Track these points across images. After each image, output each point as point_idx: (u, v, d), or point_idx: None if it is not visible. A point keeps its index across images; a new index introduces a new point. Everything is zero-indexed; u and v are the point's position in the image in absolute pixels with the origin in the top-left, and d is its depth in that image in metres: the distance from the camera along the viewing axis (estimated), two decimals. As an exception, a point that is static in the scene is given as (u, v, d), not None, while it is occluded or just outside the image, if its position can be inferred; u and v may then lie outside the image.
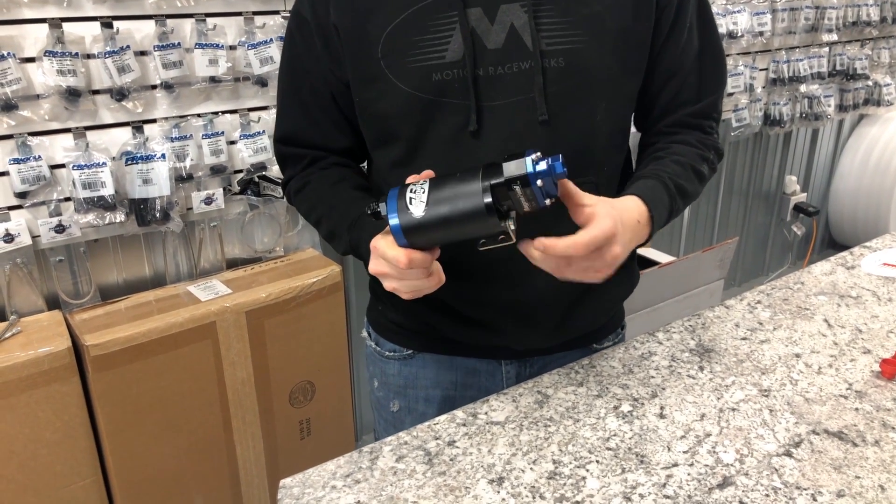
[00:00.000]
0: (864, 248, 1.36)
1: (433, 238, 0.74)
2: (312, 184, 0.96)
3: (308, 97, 0.94)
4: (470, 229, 0.73)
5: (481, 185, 0.71)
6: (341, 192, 0.94)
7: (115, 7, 1.49)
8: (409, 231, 0.73)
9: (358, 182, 0.96)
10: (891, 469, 0.78)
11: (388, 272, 0.76)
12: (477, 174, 0.72)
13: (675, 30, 0.91)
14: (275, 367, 1.76)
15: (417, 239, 0.73)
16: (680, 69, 0.93)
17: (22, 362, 1.42)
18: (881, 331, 1.07)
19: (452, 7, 0.83)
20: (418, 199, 0.72)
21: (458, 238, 0.74)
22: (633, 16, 0.86)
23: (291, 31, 0.93)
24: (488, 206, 0.70)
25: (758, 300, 1.17)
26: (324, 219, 0.94)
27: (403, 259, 0.73)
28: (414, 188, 0.73)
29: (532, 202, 0.71)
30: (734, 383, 0.95)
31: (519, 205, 0.72)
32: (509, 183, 0.70)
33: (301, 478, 0.78)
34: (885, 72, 3.17)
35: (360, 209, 0.89)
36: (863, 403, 0.90)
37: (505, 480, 0.77)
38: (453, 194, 0.72)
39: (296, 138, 0.97)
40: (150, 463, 1.62)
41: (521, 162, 0.71)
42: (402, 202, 0.73)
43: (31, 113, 1.45)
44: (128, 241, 1.67)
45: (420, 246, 0.74)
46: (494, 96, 0.85)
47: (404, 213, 0.72)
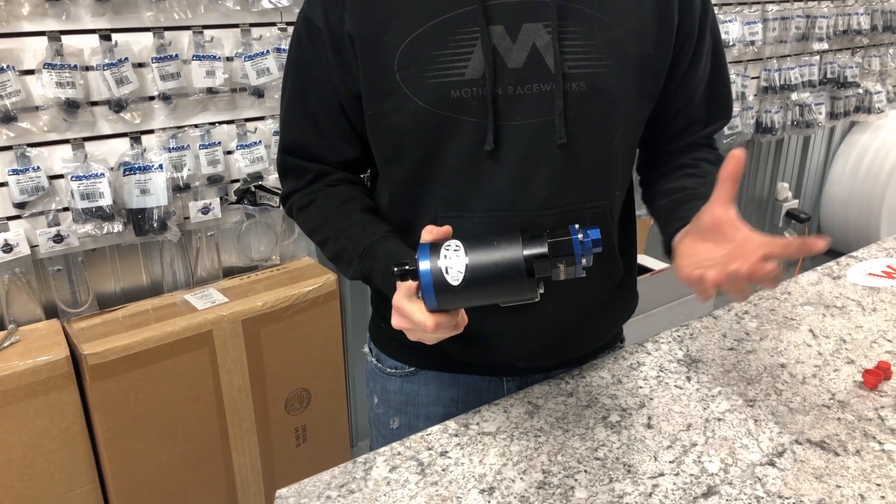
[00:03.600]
0: (851, 259, 1.39)
1: (464, 304, 0.73)
2: (319, 202, 0.94)
3: (315, 106, 0.92)
4: (504, 296, 0.73)
5: (524, 258, 0.70)
6: (350, 214, 0.92)
7: (113, 20, 1.51)
8: (442, 300, 0.71)
9: (366, 204, 0.95)
10: (871, 478, 0.80)
11: (412, 330, 0.75)
12: (517, 244, 0.71)
13: (695, 59, 0.92)
14: (271, 375, 1.78)
15: (449, 305, 0.72)
16: (694, 96, 0.95)
17: (20, 371, 1.43)
18: (865, 341, 1.09)
19: (475, 23, 0.82)
20: (455, 267, 0.70)
21: (487, 303, 0.73)
22: (654, 43, 0.87)
23: (300, 38, 0.91)
24: (529, 280, 0.70)
25: (745, 310, 1.20)
26: (331, 241, 0.92)
27: (431, 325, 0.71)
28: (448, 252, 0.71)
29: (570, 272, 0.72)
30: (720, 393, 0.97)
31: (557, 274, 0.72)
32: (554, 259, 0.70)
33: (296, 488, 0.80)
34: (875, 79, 3.21)
35: (370, 236, 0.88)
36: (845, 413, 0.92)
37: (495, 490, 0.79)
38: (493, 265, 0.70)
39: (301, 149, 0.95)
40: (148, 470, 1.63)
41: (568, 241, 0.70)
42: (437, 267, 0.70)
43: (30, 124, 1.47)
44: (125, 250, 1.68)
45: (448, 309, 0.73)
46: (513, 116, 0.84)
47: (439, 280, 0.70)
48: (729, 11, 2.58)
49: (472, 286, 0.70)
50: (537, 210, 0.86)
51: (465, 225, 0.87)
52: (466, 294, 0.71)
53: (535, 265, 0.70)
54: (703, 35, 0.92)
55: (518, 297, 0.73)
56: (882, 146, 3.21)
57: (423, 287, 0.70)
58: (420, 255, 0.72)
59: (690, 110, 0.96)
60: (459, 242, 0.72)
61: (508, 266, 0.70)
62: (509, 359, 0.96)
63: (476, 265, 0.70)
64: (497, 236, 0.72)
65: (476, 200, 0.87)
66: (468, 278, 0.70)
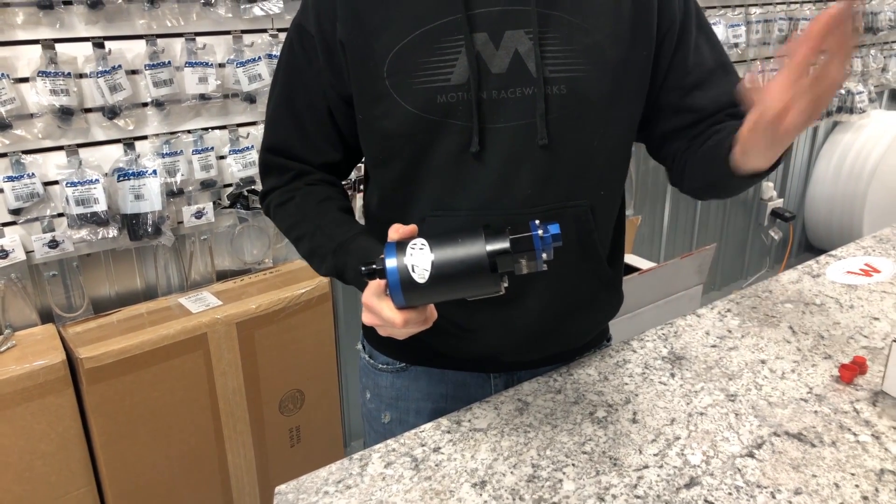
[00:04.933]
0: (830, 257, 1.43)
1: (431, 300, 0.75)
2: (297, 199, 0.96)
3: (302, 110, 0.95)
4: (469, 291, 0.75)
5: (486, 254, 0.73)
6: (328, 212, 0.95)
7: (106, 28, 1.53)
8: (409, 297, 0.74)
9: (343, 204, 0.98)
10: (846, 468, 0.84)
11: (382, 326, 0.78)
12: (480, 240, 0.74)
13: (681, 44, 0.94)
14: (265, 377, 1.80)
15: (416, 301, 0.75)
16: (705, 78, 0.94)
17: (17, 375, 1.45)
18: (842, 337, 1.13)
19: (459, 31, 0.85)
20: (420, 265, 0.73)
21: (453, 298, 0.76)
22: (629, 45, 0.90)
23: (292, 44, 0.94)
24: (493, 275, 0.73)
25: (728, 308, 1.23)
26: (306, 237, 0.95)
27: (400, 321, 0.75)
28: (413, 251, 0.74)
29: (532, 266, 0.75)
30: (703, 389, 1.00)
31: (519, 269, 0.75)
32: (515, 255, 0.73)
33: (295, 484, 0.83)
34: (857, 80, 3.26)
35: (345, 233, 0.91)
36: (822, 406, 0.96)
37: (487, 484, 0.82)
38: (457, 262, 0.73)
39: (285, 150, 0.98)
40: (144, 472, 1.65)
41: (528, 237, 0.73)
42: (403, 265, 0.73)
43: (24, 131, 1.49)
44: (120, 255, 1.70)
45: (416, 306, 0.75)
46: (497, 119, 0.87)
47: (406, 278, 0.73)
48: (713, 14, 2.62)
49: (438, 283, 0.73)
50: (521, 208, 0.90)
51: (452, 223, 0.91)
52: (433, 290, 0.74)
53: (498, 260, 0.73)
54: (687, 24, 0.94)
55: (483, 291, 0.76)
56: (864, 146, 3.26)
57: (391, 285, 0.73)
58: (387, 254, 0.74)
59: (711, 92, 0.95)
60: (424, 241, 0.75)
61: (472, 262, 0.73)
62: (495, 354, 1.00)
63: (441, 262, 0.73)
64: (461, 233, 0.75)
65: (462, 200, 0.90)
66: (434, 275, 0.73)
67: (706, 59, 0.96)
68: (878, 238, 1.51)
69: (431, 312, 0.78)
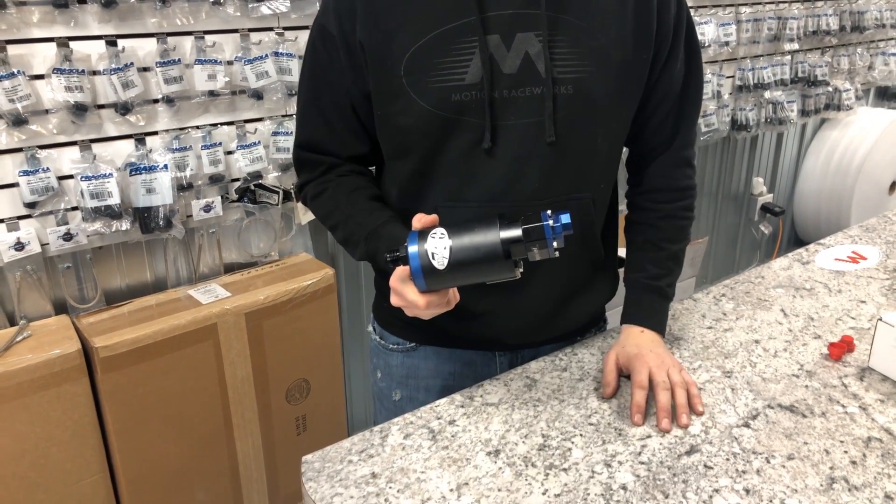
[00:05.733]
0: (819, 245, 1.49)
1: (451, 284, 0.83)
2: (330, 191, 1.02)
3: (328, 107, 1.00)
4: (486, 277, 0.82)
5: (500, 242, 0.80)
6: (358, 201, 1.01)
7: (119, 26, 1.57)
8: (430, 281, 0.81)
9: (373, 192, 1.04)
10: (835, 436, 0.90)
11: (408, 307, 0.85)
12: (495, 228, 0.80)
13: (670, 59, 1.00)
14: (272, 366, 1.84)
15: (437, 286, 0.82)
16: (670, 94, 1.03)
17: (34, 364, 1.49)
18: (830, 318, 1.19)
19: (473, 33, 0.90)
20: (440, 252, 0.80)
21: (472, 283, 0.83)
22: (633, 49, 0.95)
23: (315, 44, 0.99)
24: (507, 261, 0.80)
25: (722, 293, 1.29)
26: (340, 225, 1.01)
27: (422, 303, 0.82)
28: (433, 240, 0.80)
29: (544, 253, 0.81)
30: (701, 366, 1.06)
31: (532, 256, 0.81)
32: (528, 243, 0.80)
33: (321, 454, 0.88)
34: (844, 78, 3.34)
35: (376, 220, 0.97)
36: (812, 381, 1.02)
37: (501, 452, 0.88)
38: (473, 249, 0.80)
39: (315, 145, 1.03)
40: (155, 458, 1.69)
41: (540, 227, 0.80)
42: (424, 253, 0.80)
43: (39, 127, 1.53)
44: (130, 247, 1.74)
45: (438, 290, 0.83)
46: (508, 117, 0.92)
47: (427, 265, 0.80)
48: (704, 14, 2.69)
49: (457, 269, 0.80)
50: (528, 201, 0.95)
51: (463, 214, 0.96)
52: (452, 276, 0.81)
53: (512, 248, 0.79)
54: (678, 38, 1.00)
55: (499, 276, 0.82)
56: (851, 142, 3.34)
57: (413, 271, 0.80)
58: (409, 242, 0.81)
59: (665, 108, 1.04)
60: (444, 230, 0.81)
61: (488, 250, 0.80)
62: (501, 335, 1.05)
63: (459, 250, 0.80)
64: (478, 222, 0.82)
65: (473, 192, 0.96)
66: (452, 262, 0.80)
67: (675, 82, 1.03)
68: (865, 227, 1.58)
69: (454, 295, 0.85)
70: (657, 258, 1.08)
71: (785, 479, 0.82)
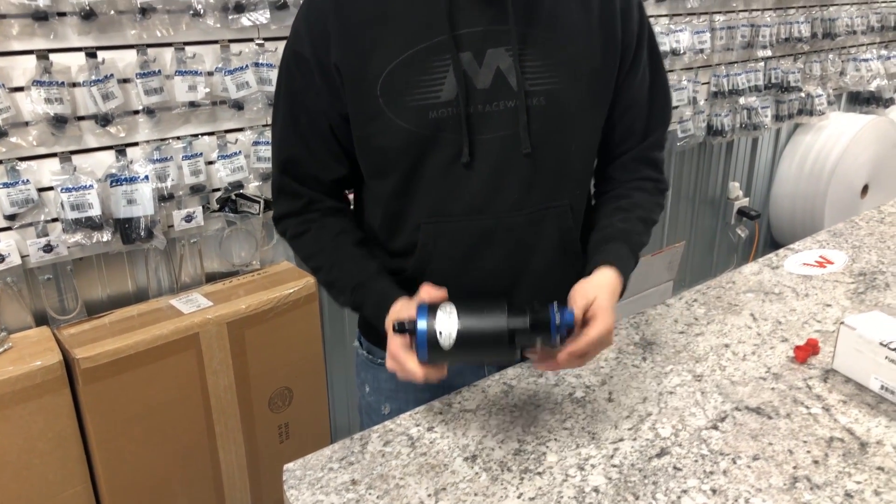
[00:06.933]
0: (788, 250, 1.53)
1: (451, 361, 0.86)
2: (313, 231, 1.04)
3: (306, 130, 1.01)
4: (487, 358, 0.87)
5: (507, 328, 0.83)
6: (343, 247, 1.02)
7: (99, 38, 1.58)
8: (433, 357, 0.84)
9: (357, 236, 1.05)
10: (798, 437, 0.93)
11: (403, 374, 0.88)
12: (503, 315, 0.83)
13: (633, 66, 1.03)
14: (255, 375, 1.86)
15: (438, 361, 0.85)
16: (635, 102, 1.06)
17: (16, 376, 1.49)
18: (797, 322, 1.23)
19: (447, 51, 0.92)
20: (447, 331, 0.82)
21: (470, 362, 0.87)
22: (601, 58, 0.98)
23: (290, 69, 1.00)
24: (510, 346, 0.83)
25: (695, 298, 1.33)
26: (323, 270, 1.03)
27: (420, 375, 0.85)
28: (443, 317, 0.83)
29: (546, 345, 0.85)
30: (672, 370, 1.09)
31: (534, 343, 0.85)
32: (533, 333, 0.84)
33: (302, 462, 0.90)
34: (816, 84, 3.41)
35: (362, 272, 0.99)
36: (778, 384, 1.05)
37: (478, 457, 0.90)
38: (480, 334, 0.83)
39: (296, 166, 1.04)
40: (138, 469, 1.70)
41: (546, 313, 0.84)
42: (431, 330, 0.83)
43: (19, 139, 1.53)
44: (111, 258, 1.75)
45: (437, 364, 0.86)
46: (484, 131, 0.95)
47: (433, 341, 0.83)
48: (679, 21, 2.74)
49: (461, 348, 0.83)
50: (508, 211, 0.98)
51: (446, 228, 0.98)
52: (455, 354, 0.84)
53: (517, 336, 0.83)
54: (641, 45, 1.04)
55: (498, 359, 0.87)
56: (824, 146, 3.41)
57: (419, 345, 0.83)
58: (418, 316, 0.84)
59: (631, 116, 1.06)
60: (453, 307, 0.84)
61: (494, 336, 0.83)
62: None
63: (466, 332, 0.83)
64: (486, 306, 0.85)
65: (455, 206, 0.98)
66: (458, 343, 0.83)
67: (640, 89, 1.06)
68: (833, 232, 1.62)
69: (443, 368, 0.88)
70: (627, 217, 1.05)
71: (750, 478, 0.86)
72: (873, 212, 1.75)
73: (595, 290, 0.92)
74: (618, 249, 1.00)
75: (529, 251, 1.01)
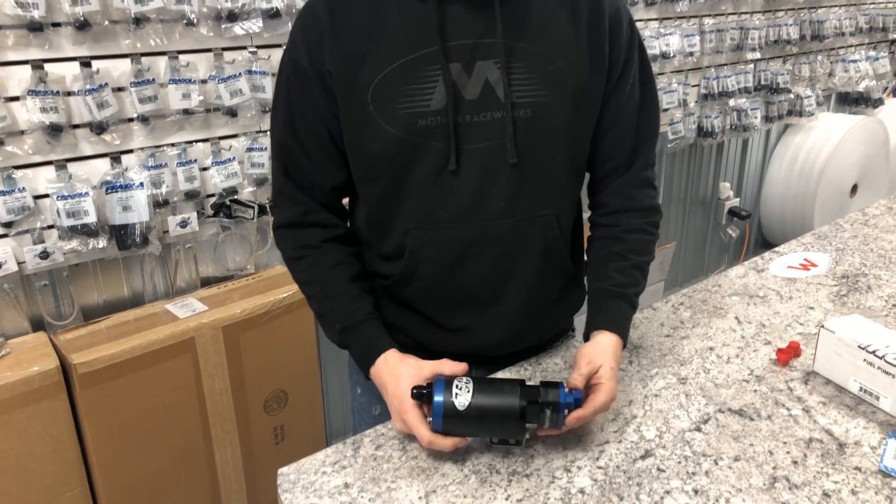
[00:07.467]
0: (773, 253, 1.56)
1: (461, 432, 0.90)
2: (311, 259, 1.06)
3: (305, 137, 1.03)
4: (496, 432, 0.91)
5: (518, 401, 0.88)
6: (338, 281, 1.05)
7: (93, 48, 1.59)
8: (447, 426, 0.89)
9: (353, 271, 1.07)
10: (779, 438, 0.96)
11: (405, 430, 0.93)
12: (516, 390, 0.89)
13: (620, 82, 1.05)
14: (250, 378, 1.88)
15: (450, 430, 0.89)
16: (621, 118, 1.07)
17: (13, 381, 1.51)
18: (781, 325, 1.26)
19: (437, 62, 0.95)
20: (462, 402, 0.88)
21: (481, 435, 0.92)
22: (588, 72, 1.00)
23: (288, 77, 1.02)
24: (520, 422, 0.88)
25: (681, 302, 1.36)
26: (316, 300, 1.06)
27: (426, 441, 0.90)
28: (458, 388, 0.89)
29: (553, 424, 0.90)
30: (657, 374, 1.12)
31: (542, 422, 0.90)
32: (543, 406, 0.88)
33: (296, 466, 0.92)
34: (805, 85, 3.45)
35: (353, 314, 1.02)
36: (760, 386, 1.08)
37: (467, 460, 0.93)
38: (493, 406, 0.89)
39: (296, 170, 1.05)
40: (135, 472, 1.72)
41: (556, 391, 0.89)
42: (448, 398, 0.88)
43: (15, 148, 1.55)
44: (107, 264, 1.77)
45: (446, 432, 0.90)
46: (471, 140, 0.97)
47: (449, 410, 0.88)
48: (669, 25, 2.77)
49: (474, 420, 0.88)
50: (494, 220, 1.00)
51: (433, 234, 1.01)
52: (467, 425, 0.89)
53: (528, 409, 0.88)
54: (630, 62, 1.05)
55: (507, 435, 0.91)
56: (813, 147, 3.45)
57: (434, 413, 0.88)
58: (436, 385, 0.89)
59: (617, 131, 1.08)
60: (471, 381, 0.90)
61: (506, 411, 0.89)
62: (477, 349, 1.10)
63: (480, 404, 0.88)
64: (502, 382, 0.91)
65: (442, 213, 1.01)
66: (471, 413, 0.88)
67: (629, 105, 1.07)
68: (817, 235, 1.65)
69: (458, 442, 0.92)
70: (623, 268, 1.08)
71: (731, 479, 0.88)
72: (858, 214, 1.78)
73: (600, 358, 0.97)
74: (618, 309, 1.05)
75: (515, 259, 1.03)
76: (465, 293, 1.05)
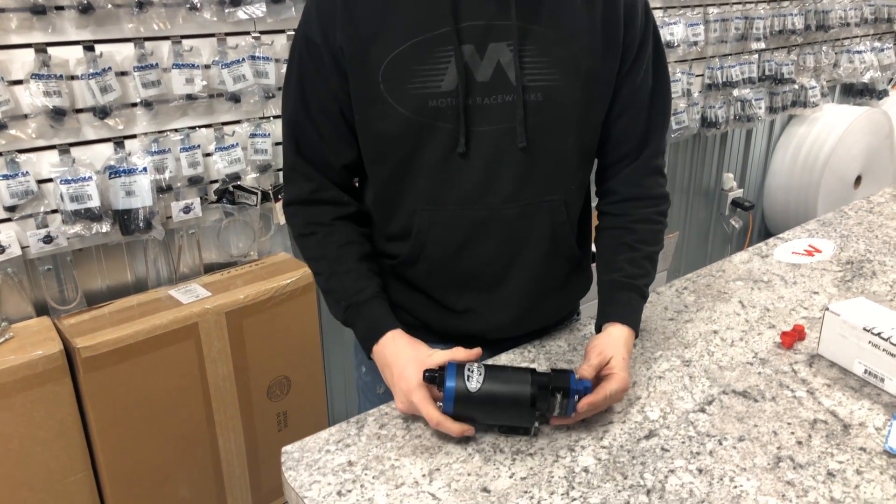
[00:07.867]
0: (778, 240, 1.56)
1: (473, 415, 0.90)
2: (319, 236, 1.06)
3: (318, 114, 1.02)
4: (506, 418, 0.91)
5: (530, 387, 0.88)
6: (346, 259, 1.05)
7: (96, 31, 1.59)
8: (458, 410, 0.89)
9: (362, 250, 1.07)
10: (783, 419, 0.96)
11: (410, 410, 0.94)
12: (527, 376, 0.89)
13: (634, 67, 1.04)
14: (253, 364, 1.88)
15: (461, 413, 0.89)
16: (633, 104, 1.06)
17: (17, 365, 1.51)
18: (785, 309, 1.25)
19: (449, 42, 0.94)
20: (474, 386, 0.88)
21: (491, 421, 0.92)
22: (602, 58, 1.00)
23: (301, 54, 1.01)
24: (531, 410, 0.88)
25: (685, 286, 1.35)
26: (324, 277, 1.06)
27: (434, 422, 0.90)
28: (471, 372, 0.89)
29: (563, 411, 0.89)
30: (661, 356, 1.12)
31: (552, 409, 0.89)
32: (553, 391, 0.88)
33: (300, 444, 0.92)
34: (810, 75, 3.43)
35: (359, 292, 1.02)
36: (765, 368, 1.08)
37: (471, 440, 0.93)
38: (504, 392, 0.89)
39: (308, 146, 1.05)
40: (138, 457, 1.72)
41: (566, 376, 0.89)
42: (460, 382, 0.89)
43: (18, 132, 1.55)
44: (111, 249, 1.77)
45: (457, 416, 0.90)
46: (481, 123, 0.97)
47: (461, 394, 0.89)
48: (673, 14, 2.75)
49: (484, 404, 0.89)
50: (503, 203, 1.00)
51: (440, 216, 1.01)
52: (478, 410, 0.89)
53: (538, 394, 0.88)
54: (644, 48, 1.05)
55: (519, 420, 0.91)
56: (817, 138, 3.43)
57: (446, 396, 0.89)
58: (448, 369, 0.90)
59: (628, 118, 1.07)
60: (483, 366, 0.91)
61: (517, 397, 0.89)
62: (482, 331, 1.10)
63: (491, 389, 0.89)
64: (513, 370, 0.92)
65: (449, 195, 1.00)
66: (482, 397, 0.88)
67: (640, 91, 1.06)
68: (822, 222, 1.65)
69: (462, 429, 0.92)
70: (634, 258, 1.08)
71: (735, 459, 0.88)
72: (862, 202, 1.77)
73: (611, 349, 0.97)
74: (629, 301, 1.05)
75: (522, 243, 1.03)
76: (471, 275, 1.04)
